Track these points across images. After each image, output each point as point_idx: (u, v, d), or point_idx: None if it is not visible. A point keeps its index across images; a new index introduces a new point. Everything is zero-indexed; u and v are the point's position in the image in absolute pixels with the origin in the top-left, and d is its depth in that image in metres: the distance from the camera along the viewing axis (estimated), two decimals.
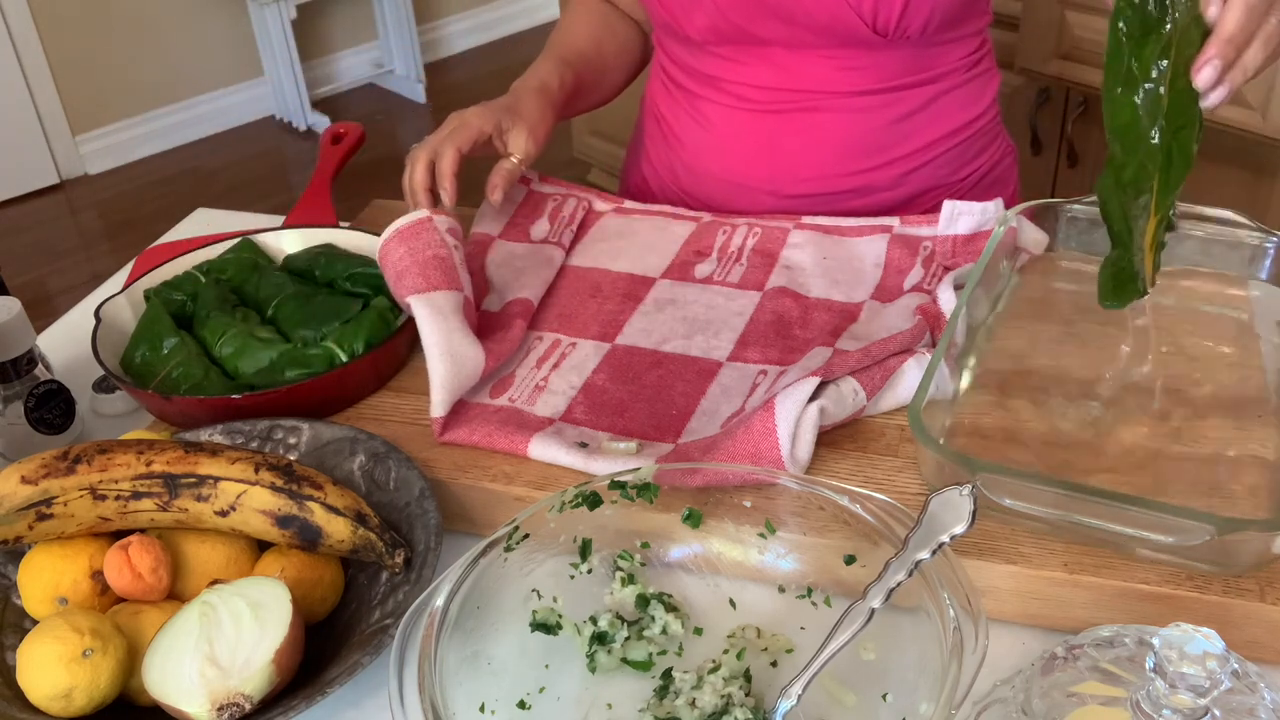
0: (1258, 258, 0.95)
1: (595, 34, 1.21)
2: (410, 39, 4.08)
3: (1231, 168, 1.89)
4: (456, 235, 0.98)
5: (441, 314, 0.90)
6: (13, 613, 0.79)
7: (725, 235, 1.10)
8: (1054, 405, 0.87)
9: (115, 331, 0.98)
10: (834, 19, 1.03)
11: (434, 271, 0.92)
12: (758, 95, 1.12)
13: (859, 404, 0.85)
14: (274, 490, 0.76)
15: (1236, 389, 0.87)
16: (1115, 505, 0.71)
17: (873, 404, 0.86)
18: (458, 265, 0.95)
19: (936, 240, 1.02)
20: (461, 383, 0.89)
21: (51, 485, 0.75)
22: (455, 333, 0.89)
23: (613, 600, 0.74)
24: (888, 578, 0.65)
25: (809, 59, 1.08)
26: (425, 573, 0.75)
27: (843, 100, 1.10)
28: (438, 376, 0.87)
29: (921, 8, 1.02)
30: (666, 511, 0.77)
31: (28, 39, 3.43)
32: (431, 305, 0.90)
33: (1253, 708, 0.56)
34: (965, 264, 0.98)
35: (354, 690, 0.74)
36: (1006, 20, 2.03)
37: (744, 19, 1.06)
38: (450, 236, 0.96)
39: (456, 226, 0.98)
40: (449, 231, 0.96)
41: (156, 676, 0.69)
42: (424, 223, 0.95)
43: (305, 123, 3.90)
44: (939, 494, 0.68)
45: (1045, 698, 0.58)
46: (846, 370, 0.84)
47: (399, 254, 0.94)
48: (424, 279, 0.92)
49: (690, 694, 0.68)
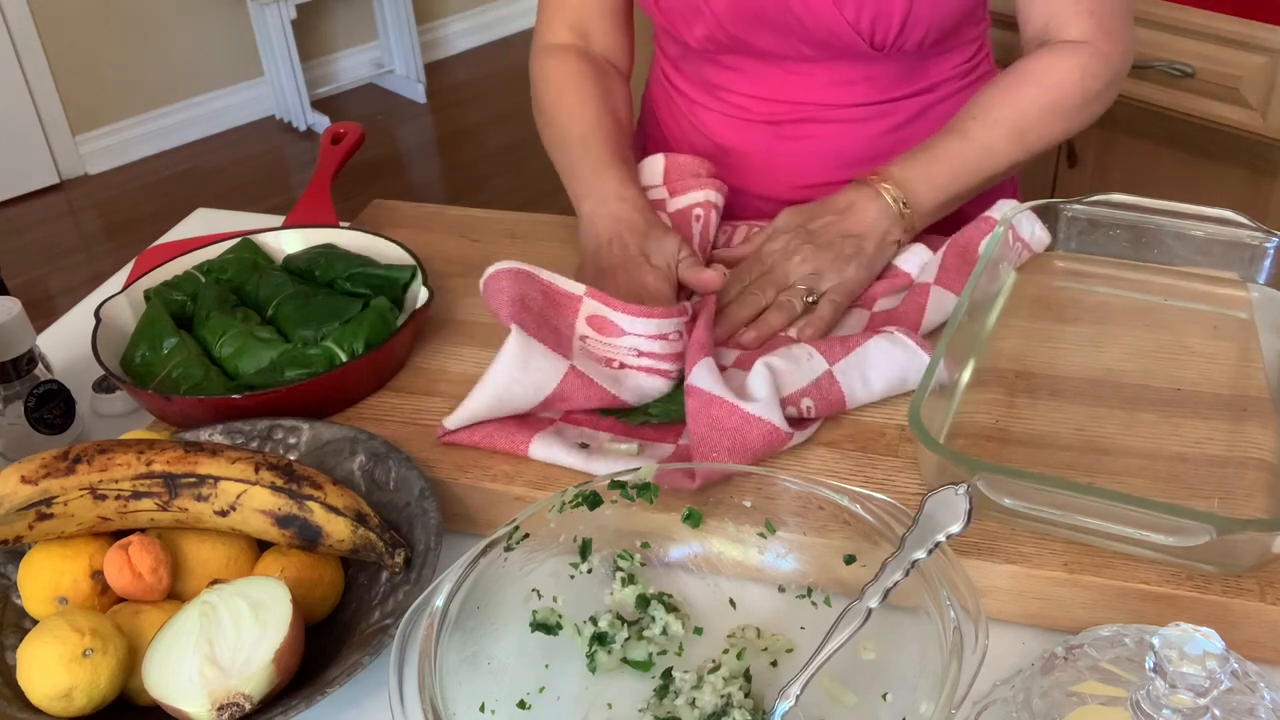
0: (1258, 258, 0.95)
1: (610, 105, 1.13)
2: (410, 39, 4.08)
3: (1231, 168, 1.89)
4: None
5: (524, 361, 0.86)
6: (13, 613, 0.79)
7: (725, 236, 1.10)
8: (1054, 405, 0.87)
9: (115, 331, 0.98)
10: (831, 34, 1.03)
11: (548, 331, 0.90)
12: (754, 105, 1.12)
13: (817, 368, 0.86)
14: (274, 490, 0.76)
15: (1236, 389, 0.87)
16: (1115, 505, 0.71)
17: (846, 381, 0.86)
18: (577, 344, 0.91)
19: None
20: (490, 416, 0.87)
21: (51, 485, 0.75)
22: (517, 384, 0.86)
23: (613, 600, 0.74)
24: (885, 577, 0.65)
25: (806, 71, 1.09)
26: (425, 573, 0.75)
27: (839, 111, 1.10)
28: (474, 403, 0.86)
29: (919, 22, 1.02)
30: (666, 511, 0.77)
31: (28, 39, 3.44)
32: (524, 348, 0.87)
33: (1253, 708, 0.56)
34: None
35: (354, 690, 0.74)
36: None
37: (742, 30, 1.06)
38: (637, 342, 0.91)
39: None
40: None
41: (156, 676, 0.69)
42: (569, 300, 0.93)
43: (305, 123, 3.90)
44: (935, 493, 0.68)
45: (1045, 698, 0.58)
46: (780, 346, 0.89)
47: (533, 294, 0.92)
48: (536, 325, 0.89)
49: (690, 694, 0.68)
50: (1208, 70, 1.80)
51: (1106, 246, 0.99)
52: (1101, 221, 0.99)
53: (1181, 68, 1.82)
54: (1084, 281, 1.00)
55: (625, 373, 0.89)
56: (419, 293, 0.99)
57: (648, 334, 0.90)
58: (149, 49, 3.70)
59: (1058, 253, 1.01)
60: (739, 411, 0.81)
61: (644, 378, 0.89)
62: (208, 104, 3.89)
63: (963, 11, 1.05)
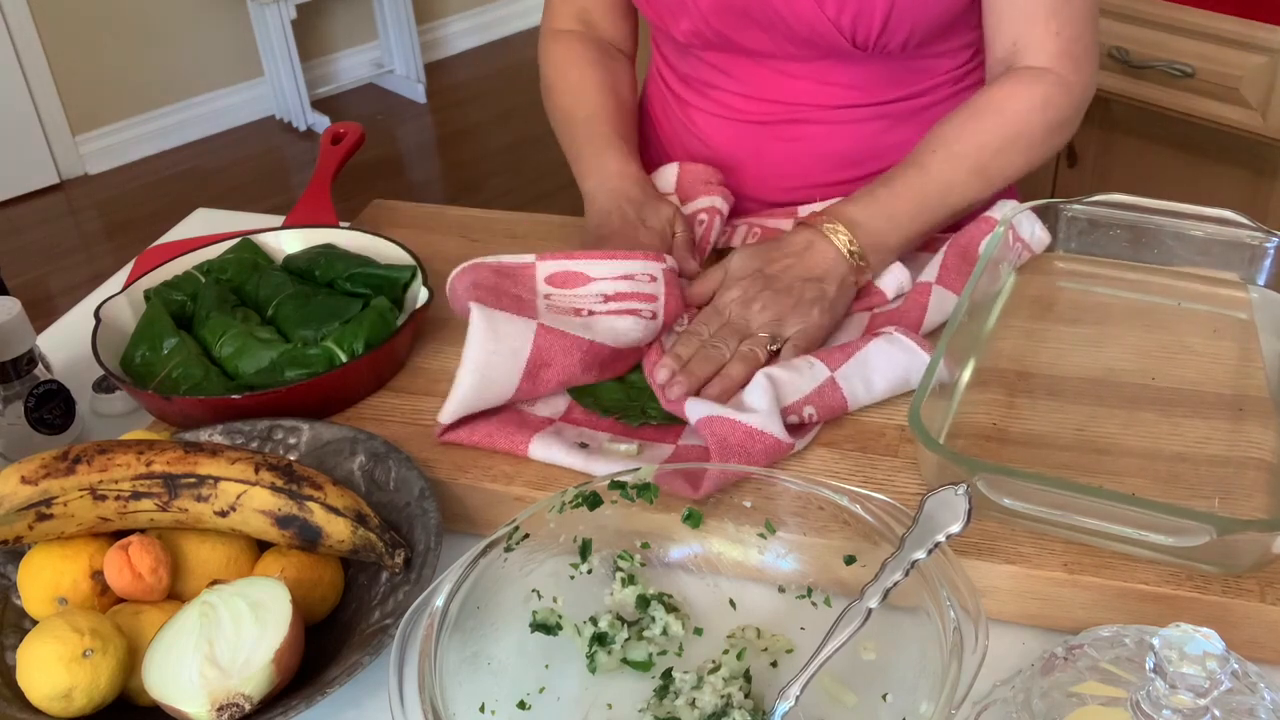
0: (1258, 258, 0.95)
1: (612, 85, 1.16)
2: (410, 39, 4.08)
3: (1231, 168, 1.89)
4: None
5: (493, 329, 0.86)
6: (13, 613, 0.79)
7: (725, 236, 1.10)
8: (1053, 405, 0.87)
9: (115, 331, 0.98)
10: (813, 31, 1.02)
11: (508, 300, 0.91)
12: (744, 105, 1.12)
13: (819, 375, 0.85)
14: (274, 490, 0.76)
15: (1236, 389, 0.87)
16: (1115, 505, 0.71)
17: (848, 386, 0.86)
18: (541, 309, 0.92)
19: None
20: (481, 402, 0.87)
21: (51, 485, 0.75)
22: (494, 355, 0.86)
23: (613, 601, 0.74)
24: (884, 578, 0.65)
25: (793, 71, 1.08)
26: (425, 573, 0.75)
27: (828, 112, 1.10)
28: (461, 388, 0.86)
29: (902, 23, 1.01)
30: (666, 511, 0.77)
31: (28, 39, 3.44)
32: (490, 321, 0.87)
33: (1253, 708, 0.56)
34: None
35: (354, 690, 0.74)
36: None
37: (726, 26, 1.06)
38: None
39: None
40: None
41: (156, 676, 0.69)
42: (523, 268, 0.95)
43: (305, 123, 3.90)
44: (934, 493, 0.68)
45: (1045, 698, 0.58)
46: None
47: (484, 273, 0.94)
48: (494, 297, 0.91)
49: (690, 694, 0.68)
50: (1208, 70, 1.80)
51: (1106, 246, 0.99)
52: (1101, 221, 0.99)
53: (1181, 68, 1.82)
54: (1084, 281, 1.00)
55: (595, 319, 0.90)
56: (419, 293, 0.99)
57: (613, 275, 0.91)
58: (149, 49, 3.70)
59: (1058, 253, 1.01)
60: (742, 427, 0.81)
61: (615, 320, 0.90)
62: (208, 104, 3.89)
63: (950, 15, 1.04)
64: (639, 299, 0.91)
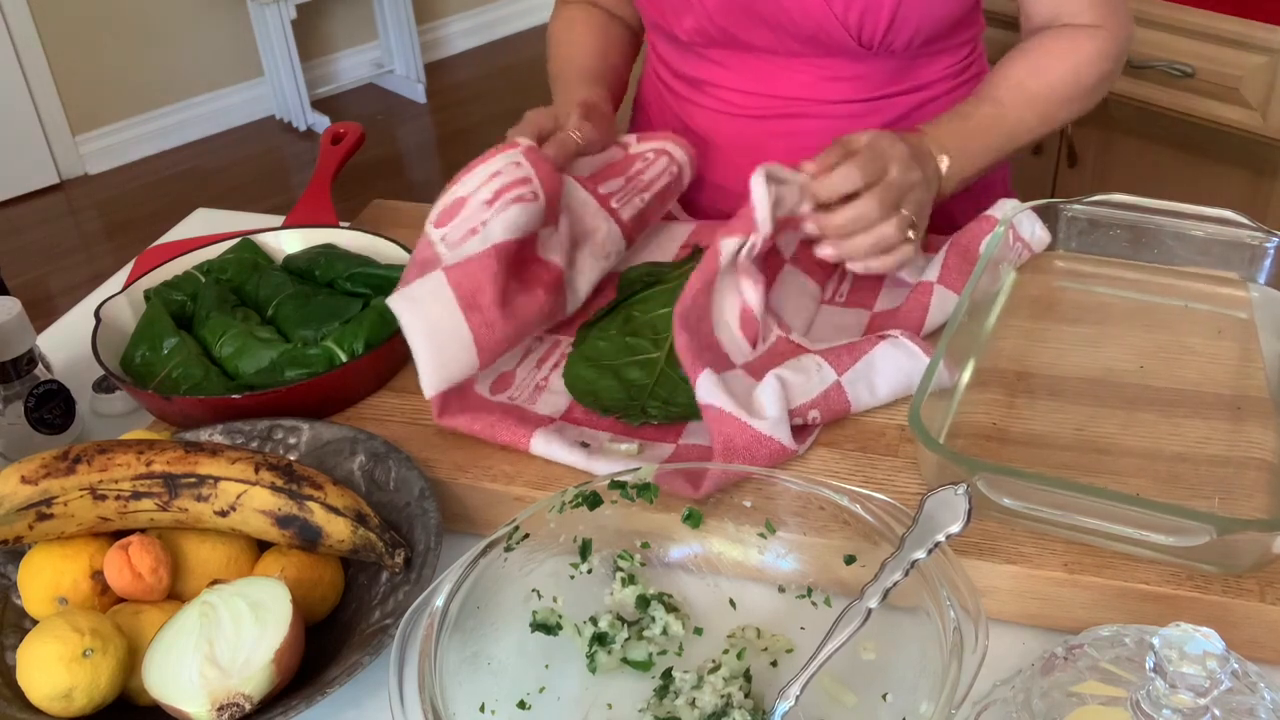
0: (1258, 258, 0.95)
1: (602, 47, 1.20)
2: (410, 39, 4.08)
3: (1231, 168, 1.89)
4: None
5: (413, 300, 0.87)
6: (13, 613, 0.79)
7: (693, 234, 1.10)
8: (1053, 405, 0.87)
9: (115, 331, 0.98)
10: (819, 29, 1.03)
11: (413, 268, 0.91)
12: (743, 101, 1.12)
13: (826, 379, 0.85)
14: (274, 490, 0.76)
15: (1236, 389, 0.87)
16: (1115, 505, 0.71)
17: (853, 391, 0.86)
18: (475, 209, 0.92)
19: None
20: (447, 356, 0.86)
21: (51, 485, 0.75)
22: (429, 313, 0.86)
23: (613, 600, 0.74)
24: (884, 578, 0.65)
25: (795, 67, 1.09)
26: (425, 573, 0.75)
27: (827, 107, 1.10)
28: (421, 359, 0.86)
29: (908, 22, 1.01)
30: (666, 511, 0.77)
31: (28, 39, 3.44)
32: (405, 298, 0.88)
33: (1253, 708, 0.55)
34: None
35: (354, 690, 0.74)
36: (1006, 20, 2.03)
37: (731, 24, 1.06)
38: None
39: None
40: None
41: (156, 676, 0.69)
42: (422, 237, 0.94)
43: (305, 123, 3.90)
44: (934, 493, 0.68)
45: (1045, 698, 0.58)
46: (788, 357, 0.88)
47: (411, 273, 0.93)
48: (406, 275, 0.91)
49: (690, 694, 0.68)
50: (1208, 70, 1.80)
51: (1106, 246, 0.99)
52: (1101, 221, 0.99)
53: (1181, 68, 1.82)
54: (1084, 281, 1.00)
55: (488, 226, 0.90)
56: None
57: (482, 181, 0.92)
58: (149, 49, 3.70)
59: (1058, 253, 1.01)
60: (749, 430, 0.81)
61: (503, 215, 0.90)
62: (208, 104, 3.89)
63: (954, 15, 1.05)
64: (516, 185, 0.92)
